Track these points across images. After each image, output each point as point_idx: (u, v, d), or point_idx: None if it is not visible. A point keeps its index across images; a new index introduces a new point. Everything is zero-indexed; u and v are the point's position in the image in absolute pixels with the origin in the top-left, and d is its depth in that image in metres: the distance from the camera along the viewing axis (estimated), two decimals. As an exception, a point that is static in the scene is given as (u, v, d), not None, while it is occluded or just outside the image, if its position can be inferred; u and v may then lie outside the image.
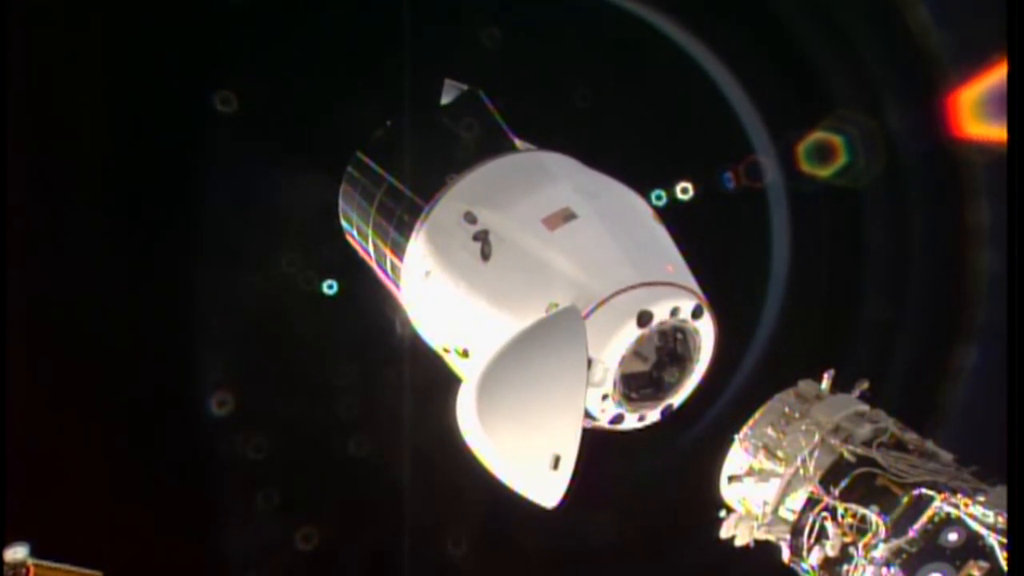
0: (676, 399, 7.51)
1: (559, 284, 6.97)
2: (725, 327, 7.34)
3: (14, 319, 10.24)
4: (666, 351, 7.32)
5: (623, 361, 6.94)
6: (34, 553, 9.68)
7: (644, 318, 6.79)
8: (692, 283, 7.25)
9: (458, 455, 6.91)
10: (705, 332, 7.26)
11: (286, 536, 14.33)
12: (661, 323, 6.93)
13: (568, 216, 7.35)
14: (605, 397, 7.06)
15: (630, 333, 6.82)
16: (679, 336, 7.25)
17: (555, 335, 6.65)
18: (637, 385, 7.27)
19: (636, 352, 7.11)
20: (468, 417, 6.52)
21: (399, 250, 8.41)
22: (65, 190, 12.74)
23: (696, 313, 7.09)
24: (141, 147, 12.92)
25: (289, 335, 14.16)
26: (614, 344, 6.82)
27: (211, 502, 14.22)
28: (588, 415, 7.18)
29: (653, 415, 7.45)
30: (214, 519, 14.19)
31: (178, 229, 13.40)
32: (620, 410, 7.20)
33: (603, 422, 7.27)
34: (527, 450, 6.43)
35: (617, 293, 6.82)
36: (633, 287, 6.86)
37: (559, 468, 6.34)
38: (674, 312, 6.95)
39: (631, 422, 7.36)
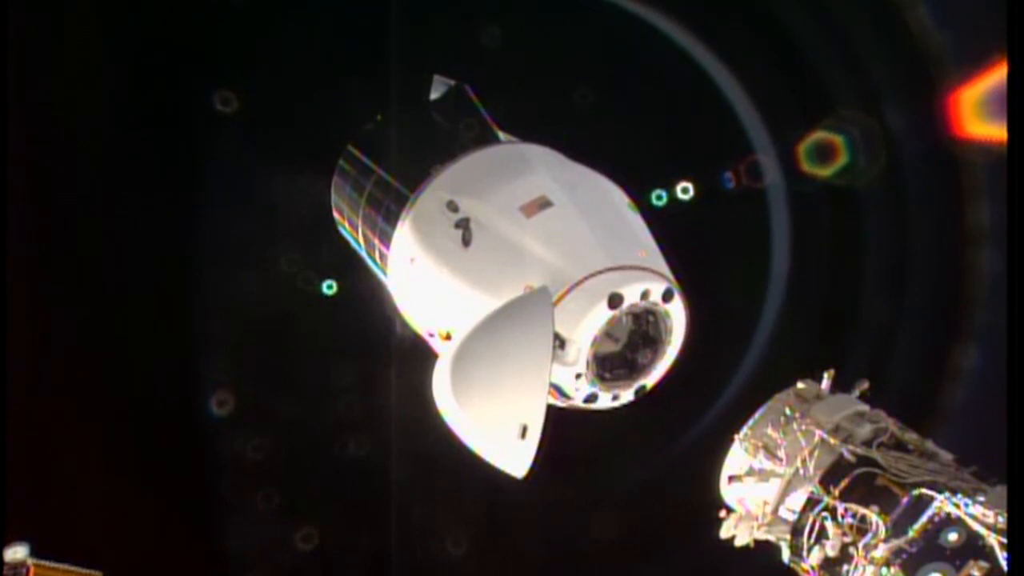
0: (649, 380, 7.66)
1: (535, 268, 7.16)
2: (725, 325, 7.37)
3: (14, 319, 10.26)
4: (638, 333, 7.50)
5: (595, 342, 7.09)
6: (34, 553, 9.71)
7: (615, 300, 6.94)
8: (663, 267, 7.40)
9: (457, 455, 6.97)
10: (676, 315, 7.40)
11: (286, 536, 14.33)
12: (632, 305, 7.07)
13: (544, 204, 7.52)
14: (579, 376, 7.20)
15: (601, 314, 6.96)
16: (650, 318, 7.40)
17: (525, 314, 6.87)
18: (610, 365, 7.44)
19: (608, 333, 7.25)
20: (442, 390, 6.73)
21: (386, 238, 8.59)
22: (64, 190, 12.73)
23: (667, 296, 7.23)
24: (139, 148, 12.92)
25: (289, 335, 14.17)
26: (586, 325, 6.97)
27: (211, 502, 14.22)
28: (563, 393, 7.34)
29: (627, 395, 7.60)
30: (214, 519, 14.20)
31: (177, 229, 13.40)
32: (593, 389, 7.34)
33: (577, 401, 7.41)
34: (497, 421, 6.62)
35: (589, 276, 7.00)
36: (604, 271, 7.03)
37: (526, 438, 6.50)
38: (644, 295, 7.09)
39: (605, 401, 7.50)
